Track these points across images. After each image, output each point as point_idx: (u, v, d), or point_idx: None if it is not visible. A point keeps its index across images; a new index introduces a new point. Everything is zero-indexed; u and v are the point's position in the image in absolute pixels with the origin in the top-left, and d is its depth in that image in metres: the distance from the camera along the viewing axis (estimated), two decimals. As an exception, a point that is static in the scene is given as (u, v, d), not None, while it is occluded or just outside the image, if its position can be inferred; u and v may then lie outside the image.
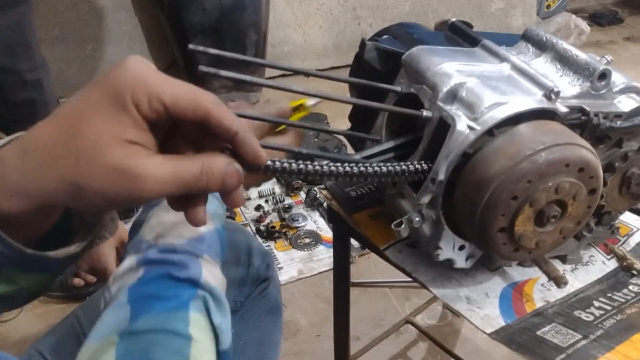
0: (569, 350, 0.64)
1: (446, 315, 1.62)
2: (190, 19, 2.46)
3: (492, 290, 0.73)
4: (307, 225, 1.93)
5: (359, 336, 1.50)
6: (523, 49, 0.74)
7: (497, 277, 0.75)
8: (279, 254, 1.81)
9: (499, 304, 0.71)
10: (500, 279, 0.75)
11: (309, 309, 1.66)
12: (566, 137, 0.60)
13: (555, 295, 0.73)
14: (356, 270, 1.75)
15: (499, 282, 0.74)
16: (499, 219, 0.60)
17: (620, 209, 0.74)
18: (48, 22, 2.61)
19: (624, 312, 0.70)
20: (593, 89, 0.66)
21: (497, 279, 0.75)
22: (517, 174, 0.58)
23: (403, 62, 0.71)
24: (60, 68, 2.70)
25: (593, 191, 0.62)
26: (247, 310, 0.88)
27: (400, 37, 0.81)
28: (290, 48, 3.08)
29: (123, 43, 2.77)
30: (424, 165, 0.63)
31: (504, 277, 0.75)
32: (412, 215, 0.65)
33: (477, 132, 0.60)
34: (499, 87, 0.64)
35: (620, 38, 3.70)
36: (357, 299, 1.65)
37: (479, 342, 1.52)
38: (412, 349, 1.54)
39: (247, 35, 2.57)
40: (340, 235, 0.98)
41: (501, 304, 0.71)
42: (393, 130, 0.73)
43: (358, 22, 3.15)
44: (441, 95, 0.64)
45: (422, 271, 0.75)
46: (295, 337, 1.57)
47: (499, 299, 0.72)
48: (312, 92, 0.60)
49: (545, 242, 0.63)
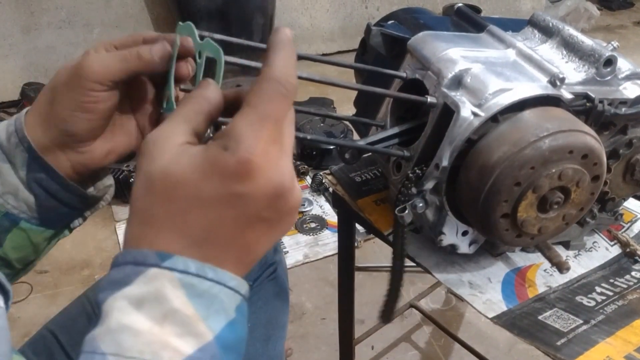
0: (569, 335, 0.64)
1: (450, 299, 1.63)
2: (197, 2, 2.46)
3: (494, 276, 0.73)
4: (313, 209, 1.94)
5: (364, 319, 1.52)
6: (529, 35, 0.73)
7: (500, 262, 0.75)
8: (285, 238, 1.82)
9: (501, 289, 0.71)
10: (503, 264, 0.75)
11: (314, 293, 1.67)
12: (570, 123, 0.60)
13: (557, 280, 0.73)
14: (361, 255, 1.76)
15: (502, 267, 0.75)
16: (502, 204, 0.60)
17: (624, 195, 0.74)
18: (55, 5, 2.61)
19: (626, 297, 0.70)
20: (598, 76, 0.66)
21: (500, 264, 0.75)
22: (520, 160, 0.58)
23: (408, 47, 0.71)
24: (67, 51, 2.71)
25: (596, 178, 0.62)
26: (255, 294, 0.89)
27: (406, 22, 0.81)
28: (297, 32, 3.07)
29: (130, 26, 2.77)
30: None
31: (507, 263, 0.75)
32: (416, 201, 0.65)
33: (482, 119, 0.60)
34: (504, 73, 0.64)
35: (630, 22, 3.66)
36: (362, 283, 1.66)
37: (483, 326, 1.53)
38: (416, 332, 1.55)
39: (253, 19, 2.56)
40: (345, 220, 0.98)
41: (503, 289, 0.72)
42: (398, 116, 0.74)
43: (365, 6, 3.13)
44: (446, 82, 0.64)
45: (426, 256, 0.75)
46: (301, 320, 1.59)
47: (502, 284, 0.72)
48: (316, 76, 0.60)
49: (547, 229, 0.64)
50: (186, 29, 0.50)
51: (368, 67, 0.71)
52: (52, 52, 2.69)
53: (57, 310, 0.85)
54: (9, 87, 2.66)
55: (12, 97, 2.66)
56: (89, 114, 0.53)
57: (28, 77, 2.66)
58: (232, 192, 0.37)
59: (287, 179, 0.39)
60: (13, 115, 0.56)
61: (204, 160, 0.38)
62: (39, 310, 1.58)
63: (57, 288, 1.65)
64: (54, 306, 1.58)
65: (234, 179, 0.37)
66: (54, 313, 0.85)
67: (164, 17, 2.80)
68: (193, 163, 0.38)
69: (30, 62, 2.68)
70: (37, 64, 2.69)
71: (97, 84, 0.52)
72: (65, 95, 0.53)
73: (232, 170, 0.37)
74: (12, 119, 0.56)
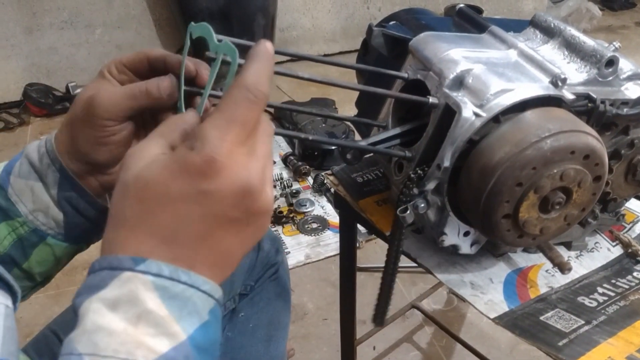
0: (571, 336, 0.64)
1: (452, 300, 1.63)
2: (198, 3, 2.46)
3: (496, 276, 0.73)
4: (315, 210, 1.94)
5: (365, 320, 1.51)
6: (531, 35, 0.74)
7: (501, 263, 0.75)
8: (287, 239, 1.82)
9: (503, 290, 0.71)
10: (504, 264, 0.75)
11: (315, 293, 1.67)
12: (572, 124, 0.60)
13: (559, 281, 0.73)
14: (363, 255, 1.76)
15: (504, 267, 0.75)
16: (503, 205, 0.60)
17: (626, 196, 0.74)
18: (57, 6, 2.62)
19: (628, 298, 0.70)
20: (600, 76, 0.66)
21: (502, 264, 0.75)
22: (522, 160, 0.58)
23: (410, 48, 0.71)
24: (70, 52, 2.71)
25: (598, 178, 0.62)
26: (257, 294, 0.89)
27: (408, 23, 0.81)
28: (299, 32, 3.07)
29: (132, 27, 2.78)
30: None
31: (509, 263, 0.75)
32: (418, 202, 0.65)
33: (483, 119, 0.60)
34: (506, 73, 0.64)
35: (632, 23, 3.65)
36: (364, 283, 1.66)
37: (484, 327, 1.53)
38: (417, 333, 1.55)
39: (255, 20, 2.56)
40: (347, 220, 0.98)
41: (505, 289, 0.72)
42: (399, 116, 0.74)
43: (367, 7, 3.14)
44: (447, 82, 0.64)
45: (427, 257, 0.75)
46: (302, 321, 1.59)
47: (503, 284, 0.72)
48: (318, 77, 0.60)
49: (549, 229, 0.64)
50: (201, 30, 0.50)
51: (370, 67, 0.71)
52: (54, 53, 2.69)
53: (60, 310, 0.86)
54: (12, 88, 2.66)
55: (15, 97, 2.67)
56: (106, 145, 0.57)
57: (30, 77, 2.67)
58: (199, 190, 0.39)
59: (254, 180, 0.40)
60: (42, 137, 0.60)
61: (172, 160, 0.39)
62: (41, 310, 1.58)
63: (59, 289, 1.65)
64: (56, 306, 1.59)
65: (200, 176, 0.38)
66: (57, 313, 0.85)
67: (166, 18, 2.80)
68: (162, 165, 0.40)
69: (32, 63, 2.68)
70: (39, 65, 2.69)
71: (109, 120, 0.55)
72: (82, 131, 0.56)
73: (198, 168, 0.38)
74: (43, 141, 0.60)
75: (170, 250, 0.39)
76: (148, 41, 2.81)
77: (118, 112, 0.55)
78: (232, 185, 0.39)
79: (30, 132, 2.54)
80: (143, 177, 0.40)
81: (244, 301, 0.88)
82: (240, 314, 0.87)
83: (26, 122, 2.60)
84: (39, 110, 2.60)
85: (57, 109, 2.61)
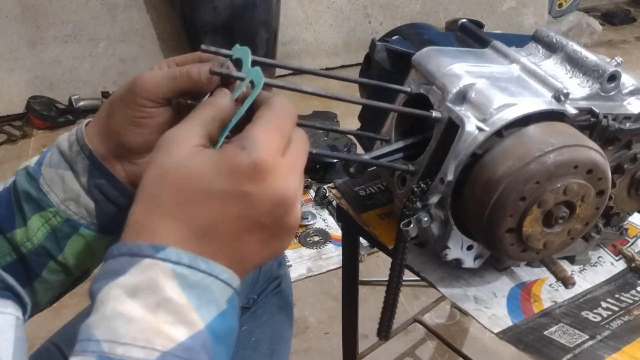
0: (575, 351, 0.64)
1: (454, 314, 1.63)
2: (201, 17, 2.48)
3: (500, 290, 0.73)
4: (317, 223, 1.94)
5: (367, 334, 1.51)
6: (533, 50, 0.74)
7: (505, 277, 0.75)
8: (288, 252, 1.82)
9: (506, 304, 0.71)
10: (508, 279, 0.75)
11: (317, 307, 1.66)
12: (575, 138, 0.60)
13: (563, 295, 0.73)
14: (365, 269, 1.76)
15: (507, 282, 0.75)
16: (507, 219, 0.60)
17: (629, 210, 0.74)
18: (61, 19, 2.63)
19: (632, 313, 0.70)
20: (602, 91, 0.66)
21: (505, 279, 0.75)
22: (525, 174, 0.58)
23: (413, 62, 0.72)
24: (73, 65, 2.73)
25: (601, 193, 0.62)
26: (259, 307, 0.89)
27: (410, 38, 0.82)
28: (301, 46, 3.09)
29: (135, 41, 2.79)
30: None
31: (512, 277, 0.75)
32: (421, 215, 0.65)
33: (486, 133, 0.61)
34: (508, 88, 0.64)
35: (632, 37, 3.67)
36: (366, 297, 1.66)
37: (487, 341, 1.52)
38: (420, 347, 1.54)
39: (258, 34, 2.58)
40: (349, 233, 0.98)
41: (509, 303, 0.71)
42: (402, 130, 0.74)
43: (369, 21, 3.16)
44: (450, 96, 0.64)
45: (430, 271, 0.75)
46: (304, 335, 1.58)
47: (507, 299, 0.72)
48: (321, 92, 0.60)
49: (553, 243, 0.64)
50: (241, 52, 0.52)
51: (373, 81, 0.71)
52: (57, 66, 2.71)
53: (62, 323, 0.85)
54: (15, 101, 2.67)
55: (18, 110, 2.68)
56: (141, 128, 0.56)
57: (33, 90, 2.68)
58: (241, 190, 0.39)
59: (291, 192, 0.41)
60: (73, 128, 0.60)
61: (220, 157, 0.40)
62: (42, 323, 1.57)
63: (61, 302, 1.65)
64: (58, 319, 1.57)
65: (246, 177, 0.39)
66: (58, 326, 0.85)
67: (169, 32, 2.82)
68: (209, 159, 0.40)
69: (36, 76, 2.70)
70: (42, 78, 2.71)
71: (148, 100, 0.55)
72: (120, 110, 0.56)
73: (246, 169, 0.39)
74: (73, 130, 0.59)
75: (197, 243, 0.40)
76: (151, 55, 2.83)
77: (158, 92, 0.54)
78: (273, 192, 0.40)
79: (33, 144, 2.55)
80: (187, 166, 0.40)
81: (246, 315, 0.88)
82: (242, 328, 0.87)
83: (29, 134, 2.60)
84: (42, 122, 2.61)
85: (60, 122, 2.62)
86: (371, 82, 0.72)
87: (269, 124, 0.42)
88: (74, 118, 2.66)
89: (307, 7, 3.00)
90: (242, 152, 0.39)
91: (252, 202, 0.40)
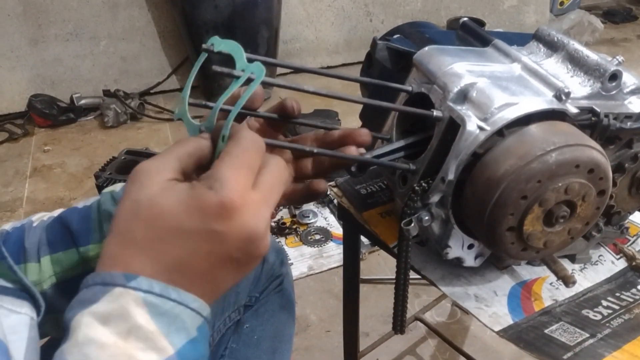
0: (576, 349, 0.64)
1: (455, 312, 1.63)
2: (203, 16, 2.48)
3: (500, 289, 0.73)
4: (318, 221, 1.94)
5: (368, 332, 1.51)
6: (534, 49, 0.74)
7: (505, 275, 0.75)
8: (290, 250, 1.82)
9: (507, 302, 0.71)
10: (509, 277, 0.75)
11: (318, 305, 1.67)
12: (576, 138, 0.60)
13: (563, 294, 0.73)
14: (366, 267, 1.76)
15: (508, 280, 0.75)
16: (508, 218, 0.60)
17: (630, 209, 0.74)
18: (62, 18, 2.64)
19: (632, 311, 0.70)
20: (604, 90, 0.66)
21: (506, 277, 0.75)
22: (527, 173, 0.58)
23: (414, 61, 0.72)
24: (74, 64, 2.73)
25: (602, 192, 0.62)
26: (262, 306, 0.89)
27: (412, 37, 0.82)
28: (302, 45, 3.09)
29: (136, 39, 2.80)
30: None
31: (513, 276, 0.75)
32: (422, 214, 0.65)
33: (487, 133, 0.61)
34: (510, 87, 0.64)
35: (634, 35, 3.67)
36: (367, 295, 1.66)
37: (488, 339, 1.52)
38: (421, 345, 1.55)
39: (259, 32, 2.58)
40: (350, 232, 0.98)
41: (509, 302, 0.71)
42: (403, 129, 0.74)
43: (370, 19, 3.16)
44: (452, 96, 0.64)
45: (431, 269, 0.75)
46: (305, 333, 1.58)
47: (508, 297, 0.72)
48: (322, 91, 0.60)
49: (553, 242, 0.64)
50: (228, 46, 0.51)
51: (374, 80, 0.71)
52: (58, 64, 2.71)
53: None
54: (16, 99, 2.68)
55: (19, 108, 2.68)
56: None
57: (35, 89, 2.69)
58: (211, 229, 0.40)
59: (261, 228, 0.42)
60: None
61: (189, 196, 0.41)
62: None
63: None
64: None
65: (214, 216, 0.40)
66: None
67: (170, 30, 2.82)
68: (179, 198, 0.41)
69: (37, 74, 2.70)
70: (43, 76, 2.71)
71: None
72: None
73: (214, 208, 0.40)
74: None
75: (169, 277, 0.41)
76: (152, 53, 2.84)
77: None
78: (242, 229, 0.41)
79: (35, 142, 2.55)
80: (158, 204, 0.41)
81: (248, 313, 0.88)
82: (245, 326, 0.87)
83: (30, 132, 2.61)
84: (43, 121, 2.61)
85: (61, 120, 2.63)
86: (372, 81, 0.72)
87: (236, 160, 0.42)
88: (75, 116, 2.66)
89: (308, 5, 3.00)
90: (209, 191, 0.40)
91: (221, 240, 0.41)
